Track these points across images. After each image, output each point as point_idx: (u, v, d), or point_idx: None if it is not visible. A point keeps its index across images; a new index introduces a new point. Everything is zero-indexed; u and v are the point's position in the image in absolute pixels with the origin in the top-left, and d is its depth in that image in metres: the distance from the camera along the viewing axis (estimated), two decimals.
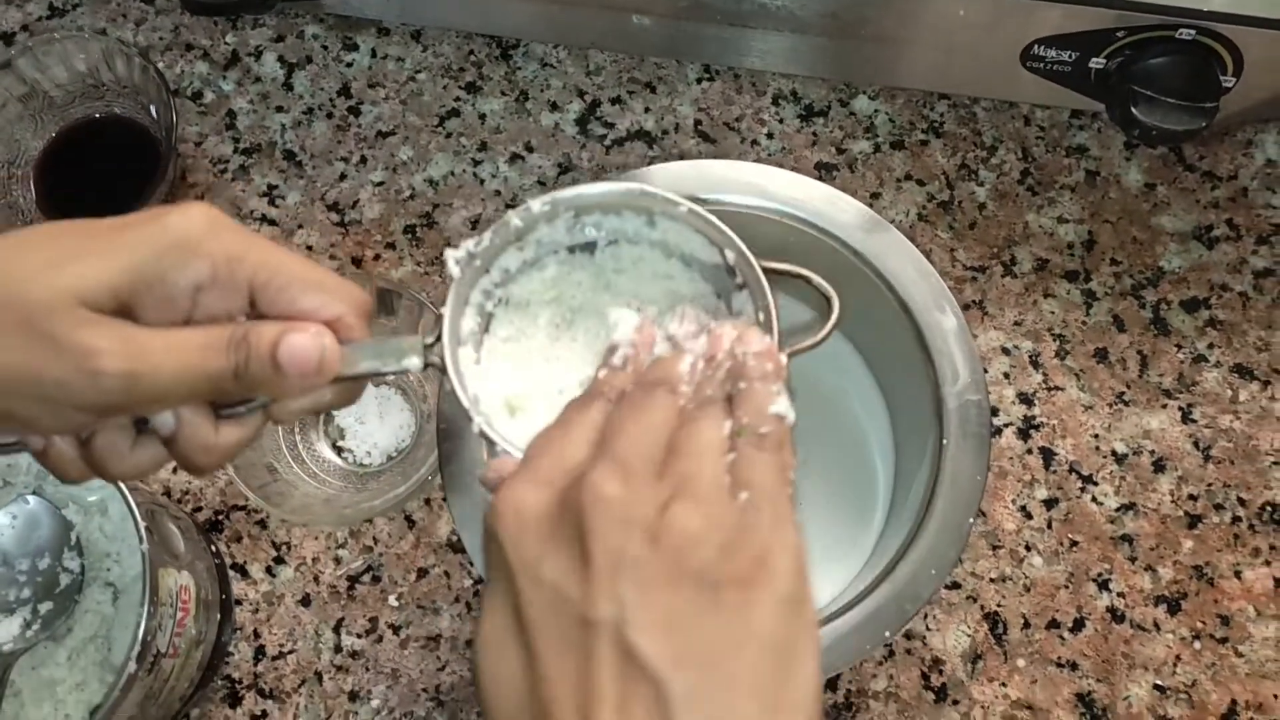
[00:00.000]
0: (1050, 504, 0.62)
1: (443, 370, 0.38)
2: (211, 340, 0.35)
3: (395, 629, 0.61)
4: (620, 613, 0.29)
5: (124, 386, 0.33)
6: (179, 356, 0.34)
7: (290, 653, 0.61)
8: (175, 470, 0.63)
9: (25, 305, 0.33)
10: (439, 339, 0.38)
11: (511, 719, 0.30)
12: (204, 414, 0.36)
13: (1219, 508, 0.61)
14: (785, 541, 0.31)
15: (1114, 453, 0.62)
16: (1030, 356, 0.64)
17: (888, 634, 0.48)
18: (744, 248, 0.39)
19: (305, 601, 0.61)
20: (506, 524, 0.31)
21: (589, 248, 0.41)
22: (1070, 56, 0.60)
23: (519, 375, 0.40)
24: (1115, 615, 0.60)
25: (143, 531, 0.50)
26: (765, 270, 0.39)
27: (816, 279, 0.41)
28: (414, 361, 0.38)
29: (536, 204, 0.39)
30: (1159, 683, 0.59)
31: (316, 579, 0.62)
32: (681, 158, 0.68)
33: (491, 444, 0.37)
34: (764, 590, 0.30)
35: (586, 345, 0.42)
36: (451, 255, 0.38)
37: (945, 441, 0.50)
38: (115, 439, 0.36)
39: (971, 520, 0.49)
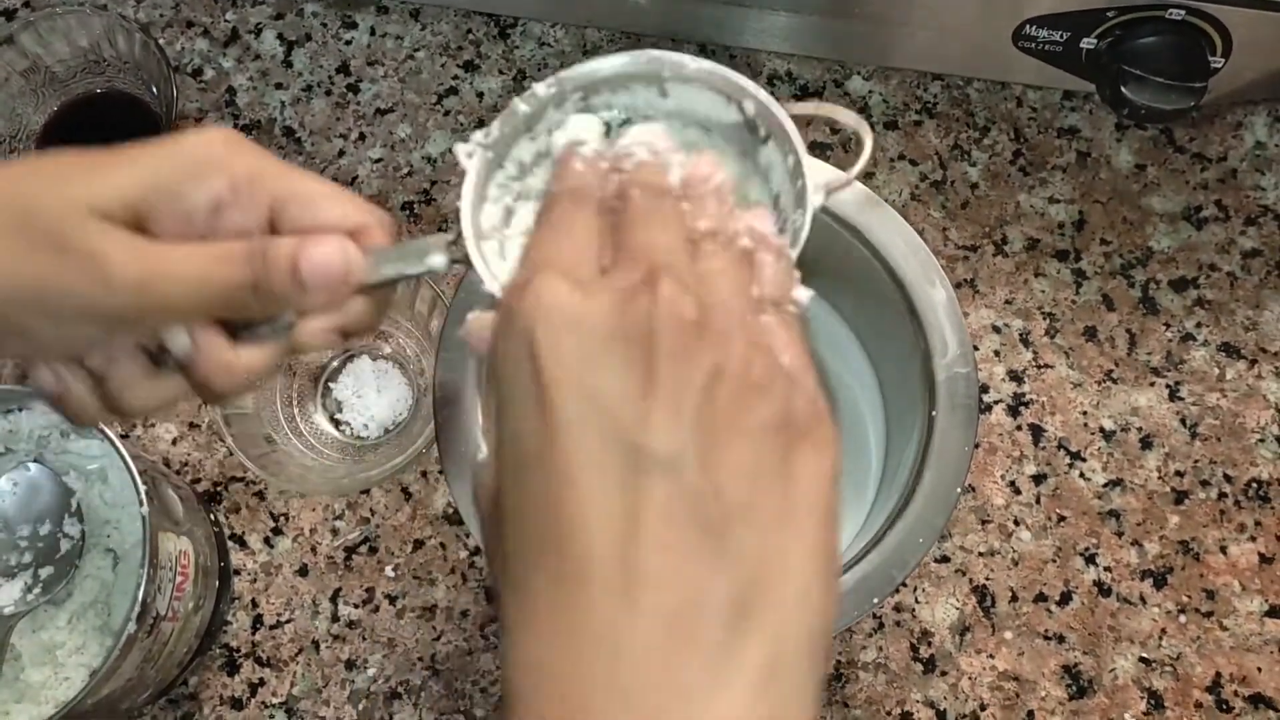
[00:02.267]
0: (1039, 479, 0.62)
1: (467, 263, 0.36)
2: (228, 252, 0.33)
3: (392, 599, 0.61)
4: (682, 451, 0.26)
5: (135, 292, 0.32)
6: (194, 265, 0.33)
7: (288, 622, 0.61)
8: (175, 442, 0.64)
9: (34, 213, 0.32)
10: (460, 234, 0.36)
11: (527, 540, 0.27)
12: (220, 333, 0.34)
13: (1205, 484, 0.62)
14: (830, 415, 0.28)
15: (1102, 429, 0.63)
16: (1020, 334, 0.65)
17: (875, 601, 0.48)
18: (763, 96, 0.37)
19: (303, 572, 0.62)
20: (549, 321, 0.27)
21: (604, 130, 0.39)
22: (1062, 36, 0.61)
23: None
24: (1102, 589, 0.61)
25: (143, 494, 0.51)
26: (791, 116, 0.37)
27: (843, 114, 0.38)
28: (438, 259, 0.36)
29: (542, 87, 0.37)
30: (1145, 655, 0.59)
31: (314, 550, 0.62)
32: None
33: None
34: (826, 459, 0.28)
35: None
36: (461, 149, 0.37)
37: (934, 414, 0.51)
38: (130, 371, 0.35)
39: (959, 490, 0.49)
